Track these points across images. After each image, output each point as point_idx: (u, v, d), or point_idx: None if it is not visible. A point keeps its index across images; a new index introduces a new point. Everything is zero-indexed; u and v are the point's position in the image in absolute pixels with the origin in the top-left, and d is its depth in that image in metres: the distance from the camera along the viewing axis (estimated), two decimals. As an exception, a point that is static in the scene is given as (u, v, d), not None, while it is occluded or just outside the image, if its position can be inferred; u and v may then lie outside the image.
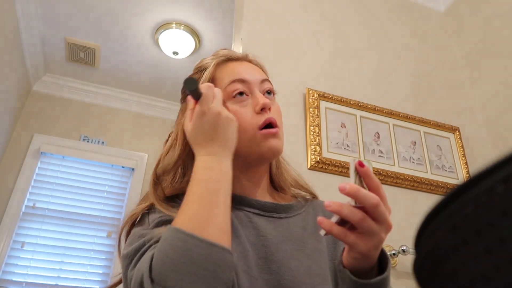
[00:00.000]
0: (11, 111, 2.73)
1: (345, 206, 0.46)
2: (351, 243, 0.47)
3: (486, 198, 0.19)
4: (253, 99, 0.67)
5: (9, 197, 2.62)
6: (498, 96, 1.78)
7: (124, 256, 0.55)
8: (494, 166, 0.19)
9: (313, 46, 1.67)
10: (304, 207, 0.72)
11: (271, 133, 0.65)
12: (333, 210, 0.46)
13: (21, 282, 2.46)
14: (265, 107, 0.66)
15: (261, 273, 0.58)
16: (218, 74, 0.70)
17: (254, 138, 0.64)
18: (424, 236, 0.23)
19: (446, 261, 0.21)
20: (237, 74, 0.69)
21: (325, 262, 0.64)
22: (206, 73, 0.70)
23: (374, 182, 0.48)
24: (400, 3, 2.07)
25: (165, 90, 3.24)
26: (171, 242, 0.48)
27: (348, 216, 0.46)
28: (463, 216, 0.20)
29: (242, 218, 0.64)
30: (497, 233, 0.18)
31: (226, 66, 0.71)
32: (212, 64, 0.71)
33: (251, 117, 0.65)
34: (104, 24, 2.60)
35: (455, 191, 0.21)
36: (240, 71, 0.70)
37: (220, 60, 0.72)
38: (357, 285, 0.50)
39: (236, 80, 0.68)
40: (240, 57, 0.74)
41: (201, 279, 0.45)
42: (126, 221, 0.63)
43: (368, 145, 1.50)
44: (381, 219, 0.46)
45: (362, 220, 0.45)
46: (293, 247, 0.63)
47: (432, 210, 0.22)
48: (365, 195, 0.45)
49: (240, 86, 0.67)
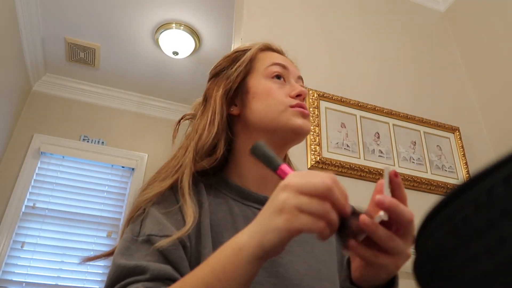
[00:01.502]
0: (11, 111, 2.73)
1: (380, 227, 0.41)
2: (382, 264, 0.43)
3: (486, 198, 0.19)
4: (290, 86, 0.68)
5: (9, 197, 2.62)
6: (498, 96, 1.78)
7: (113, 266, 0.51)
8: (494, 166, 0.19)
9: (313, 46, 1.67)
10: None
11: (304, 113, 0.65)
12: (370, 230, 0.40)
13: (21, 282, 2.45)
14: (302, 94, 0.66)
15: (268, 276, 0.55)
16: (260, 56, 0.72)
17: (285, 112, 0.63)
18: (424, 236, 0.23)
19: (446, 261, 0.21)
20: (279, 59, 0.71)
21: (334, 264, 0.62)
22: (250, 52, 0.71)
23: (404, 194, 0.45)
24: (401, 3, 2.07)
25: (165, 90, 3.23)
26: None
27: (381, 236, 0.41)
28: (463, 216, 0.20)
29: (249, 216, 0.60)
30: (497, 233, 0.18)
31: (268, 52, 0.73)
32: (255, 47, 0.73)
33: (285, 97, 0.65)
34: (104, 24, 2.59)
35: (455, 191, 0.21)
36: (282, 59, 0.72)
37: (262, 46, 0.74)
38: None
39: (278, 63, 0.69)
40: (280, 50, 0.76)
41: None
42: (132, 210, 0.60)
43: (368, 145, 1.50)
44: (410, 236, 0.43)
45: (391, 240, 0.41)
46: (301, 248, 0.60)
47: (432, 210, 0.22)
48: (403, 211, 0.41)
49: (280, 69, 0.68)
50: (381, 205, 0.40)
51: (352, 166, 1.42)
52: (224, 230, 0.58)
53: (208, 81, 0.74)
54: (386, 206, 0.40)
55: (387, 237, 0.41)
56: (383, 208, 0.40)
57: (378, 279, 0.47)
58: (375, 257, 0.42)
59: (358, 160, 1.45)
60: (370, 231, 0.40)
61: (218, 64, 0.74)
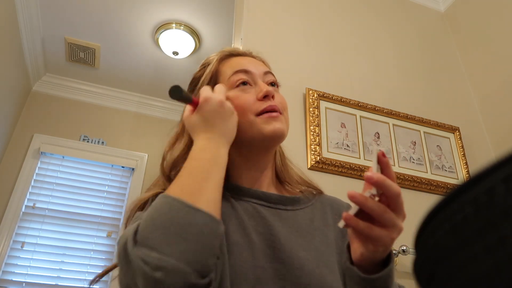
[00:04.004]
0: (11, 111, 2.73)
1: (369, 199, 0.46)
2: (376, 236, 0.47)
3: (486, 198, 0.19)
4: (256, 88, 0.68)
5: (9, 197, 2.62)
6: (498, 96, 1.78)
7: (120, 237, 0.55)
8: (494, 166, 0.19)
9: (313, 46, 1.67)
10: (311, 201, 0.72)
11: (272, 116, 0.65)
12: (358, 201, 0.46)
13: (21, 282, 2.45)
14: (268, 95, 0.66)
15: (270, 262, 0.57)
16: (222, 68, 0.72)
17: (254, 123, 0.65)
18: (424, 236, 0.23)
19: (446, 261, 0.21)
20: (240, 65, 0.70)
21: (333, 255, 0.63)
22: (210, 67, 0.72)
23: (392, 173, 0.49)
24: (400, 3, 2.07)
25: (165, 90, 3.18)
26: (157, 206, 0.48)
27: (372, 208, 0.46)
28: (463, 216, 0.20)
29: (248, 209, 0.64)
30: (497, 233, 0.18)
31: (229, 60, 0.73)
32: (215, 59, 0.73)
33: (252, 103, 0.65)
34: (104, 24, 2.59)
35: (455, 191, 0.21)
36: (244, 63, 0.71)
37: (223, 55, 0.74)
38: (367, 281, 0.50)
39: (240, 70, 0.69)
40: (243, 52, 0.76)
41: (184, 241, 0.45)
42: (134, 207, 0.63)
43: (368, 145, 1.50)
44: (400, 209, 0.47)
45: (384, 211, 0.46)
46: (300, 238, 0.63)
47: (432, 210, 0.22)
48: (391, 185, 0.46)
49: (243, 76, 0.69)
50: (369, 180, 0.45)
51: (352, 166, 1.42)
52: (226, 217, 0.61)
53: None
54: (374, 181, 0.45)
55: (380, 209, 0.46)
56: (372, 183, 0.45)
57: (376, 256, 0.50)
58: (370, 229, 0.47)
59: (358, 160, 1.45)
60: (360, 203, 0.45)
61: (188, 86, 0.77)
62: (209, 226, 0.47)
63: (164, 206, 0.48)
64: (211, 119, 0.59)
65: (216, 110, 0.59)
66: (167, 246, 0.44)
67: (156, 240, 0.45)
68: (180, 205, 0.47)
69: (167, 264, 0.43)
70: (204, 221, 0.47)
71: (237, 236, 0.58)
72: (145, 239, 0.45)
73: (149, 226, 0.46)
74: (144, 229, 0.46)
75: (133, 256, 0.45)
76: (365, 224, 0.47)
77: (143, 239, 0.45)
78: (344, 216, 0.47)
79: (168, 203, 0.48)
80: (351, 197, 0.46)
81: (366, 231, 0.47)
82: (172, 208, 0.47)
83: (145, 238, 0.45)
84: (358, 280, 0.51)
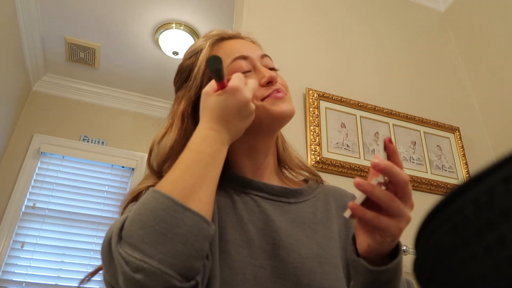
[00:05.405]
0: (11, 111, 2.73)
1: (377, 187, 0.44)
2: (384, 226, 0.45)
3: (486, 198, 0.19)
4: (257, 73, 0.65)
5: (9, 197, 2.62)
6: (498, 96, 1.78)
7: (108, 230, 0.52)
8: (494, 166, 0.19)
9: (313, 46, 1.67)
10: (314, 192, 0.69)
11: (278, 97, 0.63)
12: (365, 190, 0.44)
13: (21, 282, 2.46)
14: (272, 80, 0.64)
15: (269, 259, 0.56)
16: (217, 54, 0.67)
17: (261, 106, 0.62)
18: (424, 236, 0.23)
19: (446, 261, 0.21)
20: (237, 51, 0.66)
21: (336, 249, 0.62)
22: (202, 54, 0.67)
23: (399, 160, 0.47)
24: (400, 3, 2.07)
25: (165, 90, 3.23)
26: (145, 201, 0.46)
27: (379, 196, 0.44)
28: (463, 216, 0.20)
29: (248, 203, 0.62)
30: (497, 233, 0.18)
31: (222, 45, 0.69)
32: (207, 44, 0.68)
33: (256, 90, 0.61)
34: (104, 24, 2.59)
35: (455, 191, 0.21)
36: (240, 48, 0.68)
37: (214, 39, 0.69)
38: (374, 273, 0.48)
39: (239, 57, 0.65)
40: (233, 35, 0.72)
41: (168, 242, 0.42)
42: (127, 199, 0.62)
43: (368, 145, 1.50)
44: (408, 197, 0.45)
45: (392, 200, 0.44)
46: (302, 233, 0.61)
47: (432, 210, 0.22)
48: (398, 172, 0.44)
49: (243, 63, 0.65)
50: (376, 166, 0.43)
51: (352, 166, 1.42)
52: (224, 214, 0.59)
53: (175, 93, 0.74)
54: (381, 167, 0.43)
55: (387, 198, 0.44)
56: (379, 170, 0.43)
57: (383, 247, 0.47)
58: (377, 218, 0.45)
59: (358, 160, 1.45)
60: (367, 191, 0.44)
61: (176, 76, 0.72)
62: (197, 227, 0.45)
63: (152, 202, 0.45)
64: (228, 113, 0.54)
65: (239, 106, 0.55)
66: (150, 246, 0.42)
67: (140, 239, 0.42)
68: (169, 203, 0.44)
69: (147, 267, 0.41)
70: (192, 221, 0.44)
71: (236, 234, 0.57)
72: (129, 236, 0.43)
73: (134, 223, 0.44)
74: (130, 226, 0.44)
75: (115, 254, 0.43)
76: (372, 214, 0.45)
77: (127, 236, 0.43)
78: (350, 205, 0.45)
79: (156, 199, 0.45)
80: (358, 185, 0.43)
81: (373, 221, 0.45)
82: (160, 205, 0.44)
83: (129, 235, 0.43)
84: (364, 273, 0.48)
